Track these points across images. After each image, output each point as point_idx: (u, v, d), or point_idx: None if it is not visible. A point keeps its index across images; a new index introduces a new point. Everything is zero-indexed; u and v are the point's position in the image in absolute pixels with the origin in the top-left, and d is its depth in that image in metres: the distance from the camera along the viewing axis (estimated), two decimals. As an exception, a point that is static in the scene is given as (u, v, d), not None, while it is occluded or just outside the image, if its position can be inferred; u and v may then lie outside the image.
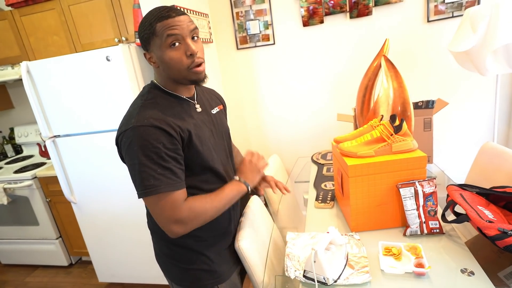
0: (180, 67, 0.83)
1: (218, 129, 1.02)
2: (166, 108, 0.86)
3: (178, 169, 0.83)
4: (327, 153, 2.03)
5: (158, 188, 0.78)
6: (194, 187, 0.91)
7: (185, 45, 0.82)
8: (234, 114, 2.47)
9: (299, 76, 2.24)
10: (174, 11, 0.82)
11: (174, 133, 0.82)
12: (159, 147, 0.79)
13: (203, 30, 1.97)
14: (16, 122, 2.87)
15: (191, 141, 0.86)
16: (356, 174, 1.07)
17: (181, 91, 0.92)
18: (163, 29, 0.80)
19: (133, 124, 0.79)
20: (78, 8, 1.96)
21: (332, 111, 2.27)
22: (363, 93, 1.45)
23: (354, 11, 1.97)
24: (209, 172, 0.95)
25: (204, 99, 1.02)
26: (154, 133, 0.79)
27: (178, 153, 0.83)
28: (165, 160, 0.79)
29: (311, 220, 1.29)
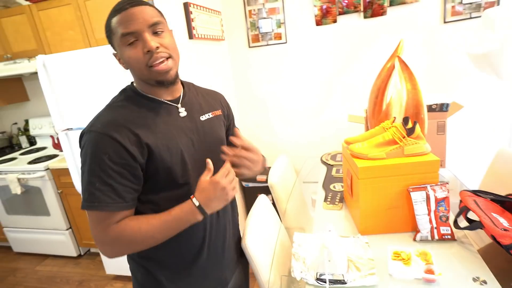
0: (140, 66, 0.74)
1: (204, 139, 0.86)
2: (132, 113, 0.76)
3: (122, 186, 0.71)
4: (336, 154, 2.00)
5: (91, 205, 0.70)
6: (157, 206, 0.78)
7: (142, 41, 0.72)
8: (244, 112, 2.47)
9: (310, 75, 2.22)
10: (130, 2, 0.72)
11: (127, 143, 0.71)
12: (103, 159, 0.69)
13: (215, 28, 1.97)
14: (31, 114, 2.93)
15: (152, 154, 0.74)
16: (366, 176, 1.05)
17: (159, 93, 0.81)
18: (116, 25, 0.72)
19: (89, 128, 0.73)
20: (93, 3, 1.98)
21: (342, 112, 2.25)
22: (376, 94, 1.42)
23: (368, 11, 1.94)
24: (181, 188, 0.80)
25: (194, 102, 0.89)
26: (103, 142, 0.70)
27: (128, 167, 0.72)
28: (107, 175, 0.70)
29: (319, 221, 1.28)
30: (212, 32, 1.90)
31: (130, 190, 0.73)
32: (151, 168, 0.75)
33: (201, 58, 1.82)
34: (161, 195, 0.79)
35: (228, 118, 1.02)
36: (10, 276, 2.39)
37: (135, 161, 0.72)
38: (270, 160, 2.46)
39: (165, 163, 0.76)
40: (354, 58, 2.10)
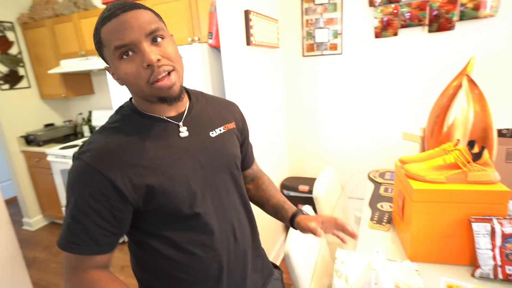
0: (139, 83, 0.62)
1: (215, 158, 0.75)
2: (128, 136, 0.66)
3: (98, 227, 0.62)
4: (385, 172, 1.92)
5: (61, 242, 0.63)
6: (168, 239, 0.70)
7: (139, 53, 0.61)
8: (292, 120, 2.46)
9: (364, 88, 2.16)
10: (121, 7, 0.60)
11: (117, 179, 0.61)
12: (83, 193, 0.61)
13: (271, 35, 2.00)
14: (94, 106, 3.20)
15: (152, 186, 0.64)
16: (422, 199, 0.99)
17: (160, 110, 0.70)
18: (107, 36, 0.60)
19: (78, 153, 0.64)
20: (160, 8, 2.12)
21: (395, 129, 2.15)
22: (437, 113, 1.34)
23: (434, 24, 1.84)
24: (193, 219, 0.70)
25: (201, 117, 0.77)
26: (87, 173, 0.61)
27: (110, 207, 0.62)
28: (83, 212, 0.61)
29: (363, 240, 1.23)
30: (268, 39, 1.93)
31: (106, 233, 0.63)
32: (153, 203, 0.66)
33: (256, 64, 1.85)
34: (171, 227, 0.70)
35: (242, 132, 0.89)
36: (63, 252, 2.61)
37: (123, 198, 0.62)
38: (314, 171, 2.45)
39: (169, 195, 0.66)
40: (414, 73, 2.00)
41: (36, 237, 2.90)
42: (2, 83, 2.74)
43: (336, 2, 2.05)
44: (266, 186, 0.98)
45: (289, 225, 0.90)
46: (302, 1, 2.15)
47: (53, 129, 3.03)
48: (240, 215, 0.83)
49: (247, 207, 0.87)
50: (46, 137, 2.91)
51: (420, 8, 1.84)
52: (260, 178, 1.00)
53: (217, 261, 0.75)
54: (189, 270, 0.72)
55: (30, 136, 2.86)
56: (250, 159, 0.97)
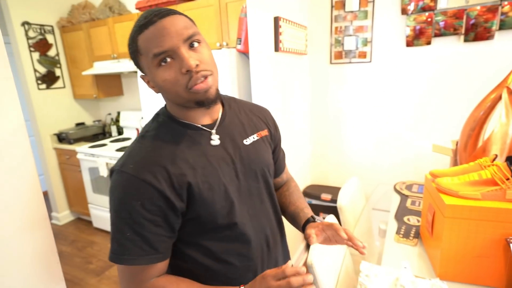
0: (178, 89, 0.62)
1: (250, 166, 0.75)
2: (167, 145, 0.66)
3: (156, 236, 0.63)
4: (412, 184, 1.85)
5: (121, 258, 0.62)
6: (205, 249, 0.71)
7: (178, 59, 0.60)
8: (317, 128, 2.44)
9: (393, 98, 2.11)
10: (158, 13, 0.60)
11: (164, 187, 0.62)
12: (135, 206, 0.61)
13: (300, 42, 2.00)
14: (122, 107, 3.31)
15: (193, 194, 0.65)
16: (454, 215, 0.95)
17: (195, 117, 0.70)
18: (145, 44, 0.60)
19: (119, 167, 0.64)
20: (191, 13, 2.16)
21: (424, 140, 2.07)
22: (472, 127, 1.28)
23: (471, 34, 1.77)
24: (229, 229, 0.71)
25: (234, 124, 0.76)
26: (135, 185, 0.61)
27: (162, 214, 0.63)
28: (139, 224, 0.61)
29: (389, 254, 1.19)
30: (296, 46, 1.93)
31: (164, 239, 0.65)
32: (192, 211, 0.66)
33: (283, 71, 1.85)
34: (208, 236, 0.70)
35: (274, 139, 0.88)
36: (88, 247, 2.70)
37: (172, 206, 0.63)
38: (339, 180, 2.41)
39: (208, 204, 0.66)
40: (447, 84, 1.93)
41: (63, 231, 3.02)
42: (40, 83, 2.90)
43: (367, 9, 2.03)
44: (290, 193, 0.95)
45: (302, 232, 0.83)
46: (332, 8, 2.13)
47: (83, 128, 3.16)
48: (272, 223, 0.82)
49: (278, 215, 0.86)
50: (77, 135, 3.04)
51: (456, 16, 1.77)
52: (286, 185, 0.98)
53: (253, 270, 0.75)
54: (225, 280, 0.72)
55: (62, 134, 3.00)
56: (281, 167, 0.95)
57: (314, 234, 0.73)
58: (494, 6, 1.68)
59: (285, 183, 0.99)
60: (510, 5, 1.66)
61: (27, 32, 2.77)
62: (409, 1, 1.88)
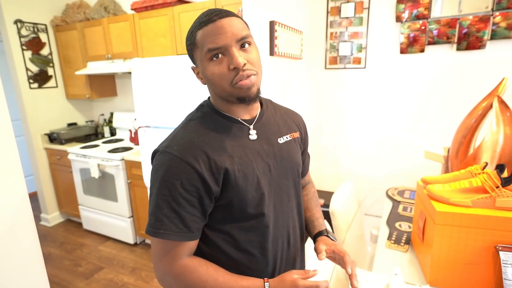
0: (223, 83, 0.68)
1: (282, 163, 0.79)
2: (209, 133, 0.71)
3: (190, 215, 0.67)
4: (404, 190, 1.86)
5: (157, 231, 0.66)
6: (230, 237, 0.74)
7: (228, 56, 0.66)
8: (311, 133, 2.45)
9: (387, 104, 2.12)
10: (218, 13, 0.66)
11: (203, 170, 0.66)
12: (175, 184, 0.65)
13: (295, 47, 2.01)
14: (116, 108, 3.28)
15: (228, 180, 0.69)
16: (445, 222, 0.95)
17: (236, 111, 0.76)
18: (202, 39, 0.66)
19: (164, 148, 0.69)
20: (186, 15, 2.17)
21: (416, 147, 2.09)
22: (463, 134, 1.30)
23: (463, 43, 1.80)
24: (255, 219, 0.74)
25: (270, 123, 0.82)
26: (177, 165, 0.66)
27: (199, 196, 0.67)
28: (177, 202, 0.66)
29: (380, 259, 1.19)
30: (291, 50, 1.94)
31: (197, 219, 0.69)
32: (225, 197, 0.70)
33: (278, 75, 1.86)
34: (235, 225, 0.74)
35: (304, 142, 0.93)
36: (77, 249, 2.66)
37: (208, 189, 0.67)
38: (332, 184, 2.41)
39: (240, 192, 0.70)
40: (439, 91, 1.96)
41: (52, 233, 2.97)
42: (32, 82, 2.86)
43: (363, 16, 2.05)
44: (308, 198, 0.98)
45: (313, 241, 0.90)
46: (327, 14, 2.15)
47: (75, 128, 3.12)
48: (295, 223, 0.85)
49: (301, 215, 0.89)
50: (69, 135, 3.00)
51: (450, 25, 1.80)
52: (306, 188, 1.02)
53: (272, 265, 0.78)
54: (244, 269, 0.75)
55: (54, 134, 2.95)
56: (305, 169, 0.99)
57: (324, 252, 0.76)
58: (486, 16, 1.71)
59: (305, 186, 1.03)
60: (501, 15, 1.69)
61: (20, 30, 2.73)
62: (404, 9, 1.91)
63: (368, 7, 2.02)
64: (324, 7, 2.15)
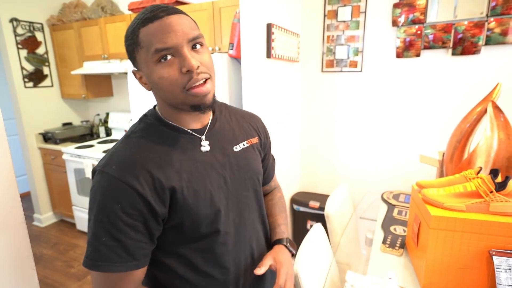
0: (174, 89, 0.60)
1: (239, 174, 0.73)
2: (153, 147, 0.63)
3: (135, 241, 0.59)
4: (399, 194, 1.87)
5: (94, 264, 0.58)
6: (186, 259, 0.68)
7: (180, 58, 0.59)
8: (308, 134, 2.45)
9: (383, 107, 2.13)
10: (165, 9, 0.59)
11: (146, 191, 0.59)
12: (114, 209, 0.57)
13: (292, 49, 2.01)
14: (112, 108, 3.27)
15: (176, 199, 0.62)
16: (439, 226, 0.95)
17: (186, 120, 0.68)
18: (148, 38, 0.58)
19: (100, 167, 0.61)
20: (184, 17, 2.16)
21: (412, 150, 2.10)
22: (458, 138, 1.30)
23: (458, 48, 1.81)
24: (210, 238, 0.68)
25: (224, 131, 0.75)
26: (116, 187, 0.58)
27: (143, 220, 0.60)
28: (117, 228, 0.58)
29: (374, 263, 1.19)
30: (288, 53, 1.94)
31: (143, 245, 0.61)
32: (174, 218, 0.63)
33: (274, 77, 1.86)
34: (189, 246, 0.67)
35: (264, 147, 0.86)
36: (70, 251, 2.63)
37: (153, 212, 0.60)
38: (328, 187, 2.41)
39: (192, 211, 0.63)
40: (435, 96, 1.97)
41: (45, 233, 2.93)
42: (27, 81, 2.83)
43: (359, 20, 2.06)
44: (273, 203, 0.93)
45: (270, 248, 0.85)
46: (324, 17, 2.16)
47: (70, 128, 3.10)
48: (259, 234, 0.80)
49: (265, 225, 0.84)
50: (63, 135, 2.97)
51: (445, 30, 1.81)
52: (271, 193, 0.97)
53: (234, 283, 0.73)
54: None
55: (48, 134, 2.93)
56: (269, 175, 0.94)
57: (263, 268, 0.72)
58: (481, 22, 1.73)
59: (271, 192, 0.98)
60: (496, 21, 1.70)
61: (15, 29, 2.71)
62: (400, 14, 1.92)
63: (365, 11, 2.03)
64: (321, 11, 2.16)
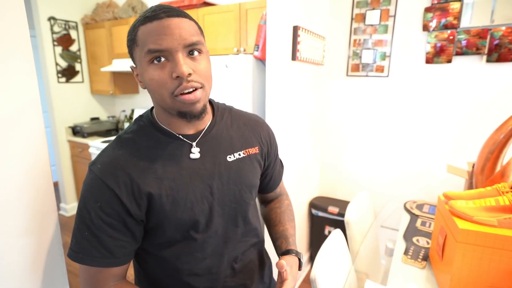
0: (162, 92, 0.59)
1: (228, 185, 0.70)
2: (140, 151, 0.64)
3: (114, 240, 0.61)
4: (423, 204, 1.80)
5: (76, 255, 0.61)
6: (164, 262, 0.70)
7: (172, 62, 0.58)
8: (330, 139, 2.41)
9: (409, 114, 2.07)
10: (167, 10, 0.57)
11: (122, 193, 0.60)
12: (94, 207, 0.60)
13: (317, 52, 1.99)
14: (137, 105, 3.36)
15: (153, 205, 0.63)
16: (468, 241, 0.91)
17: (178, 125, 0.67)
18: (144, 37, 0.57)
19: (90, 164, 0.64)
20: (211, 18, 2.20)
21: (438, 160, 2.02)
22: (490, 149, 1.24)
23: (494, 54, 1.73)
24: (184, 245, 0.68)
25: (220, 138, 0.72)
26: (97, 186, 0.60)
27: (121, 220, 0.61)
28: (97, 226, 0.60)
29: (395, 274, 1.15)
30: (313, 56, 1.92)
31: (121, 243, 0.62)
32: (151, 221, 0.64)
33: (299, 80, 1.85)
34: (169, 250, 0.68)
35: (267, 156, 0.82)
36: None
37: (129, 213, 0.61)
38: (348, 193, 2.37)
39: (168, 217, 0.64)
40: (466, 104, 1.89)
41: (69, 223, 3.05)
42: (60, 76, 2.97)
43: (388, 24, 2.01)
44: (281, 211, 0.90)
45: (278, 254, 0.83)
46: (352, 21, 2.12)
47: (97, 122, 3.21)
48: (246, 248, 0.78)
49: (259, 237, 0.83)
50: (91, 129, 3.09)
51: (480, 36, 1.74)
52: (279, 201, 0.94)
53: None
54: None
55: (77, 127, 3.05)
56: (275, 182, 0.91)
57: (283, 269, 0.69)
58: (520, 27, 1.64)
59: (277, 198, 0.95)
60: (537, 27, 1.61)
61: (52, 27, 2.84)
62: (431, 18, 1.86)
63: (394, 15, 1.98)
64: (349, 14, 2.13)
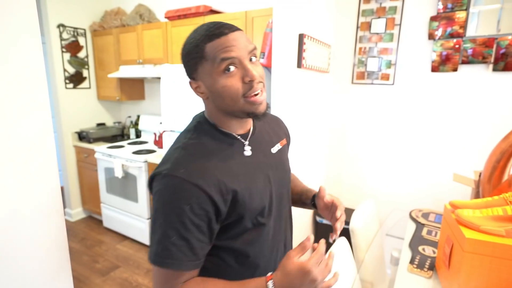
0: (235, 97, 0.66)
1: (278, 173, 0.81)
2: (212, 154, 0.69)
3: (199, 242, 0.65)
4: (429, 212, 1.79)
5: (164, 261, 0.63)
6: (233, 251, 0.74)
7: (242, 69, 0.66)
8: (334, 147, 2.41)
9: (415, 122, 2.06)
10: (227, 27, 0.66)
11: (213, 192, 0.64)
12: (184, 210, 0.62)
13: (322, 60, 2.00)
14: (143, 111, 3.38)
15: (236, 200, 0.68)
16: (475, 251, 0.90)
17: (234, 127, 0.75)
18: (215, 51, 0.64)
19: (166, 170, 0.65)
20: (217, 25, 2.22)
21: (444, 168, 2.01)
22: (498, 158, 1.23)
23: (501, 63, 1.72)
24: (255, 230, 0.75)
25: (263, 135, 0.82)
26: (186, 190, 0.62)
27: (207, 219, 0.65)
28: (186, 228, 0.62)
29: (401, 284, 1.14)
30: (319, 64, 1.93)
31: (204, 245, 0.66)
32: (233, 216, 0.69)
33: (304, 87, 1.85)
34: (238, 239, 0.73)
35: (289, 146, 0.96)
36: (96, 246, 2.72)
37: (217, 212, 0.66)
38: (353, 201, 2.35)
39: (246, 209, 0.70)
40: (472, 113, 1.88)
41: (74, 228, 3.06)
42: (68, 82, 3.01)
43: (393, 32, 2.02)
44: (294, 178, 1.03)
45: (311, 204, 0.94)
46: (357, 29, 2.14)
47: (103, 128, 3.24)
48: (288, 226, 0.90)
49: (291, 218, 0.94)
50: (97, 135, 3.12)
51: (486, 45, 1.74)
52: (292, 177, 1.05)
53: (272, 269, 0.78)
54: None
55: (83, 133, 3.08)
56: None
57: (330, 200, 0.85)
58: (527, 36, 1.64)
59: None
60: (543, 37, 1.61)
61: (61, 34, 2.90)
62: (437, 27, 1.86)
63: (400, 23, 1.99)
64: (354, 22, 2.15)
